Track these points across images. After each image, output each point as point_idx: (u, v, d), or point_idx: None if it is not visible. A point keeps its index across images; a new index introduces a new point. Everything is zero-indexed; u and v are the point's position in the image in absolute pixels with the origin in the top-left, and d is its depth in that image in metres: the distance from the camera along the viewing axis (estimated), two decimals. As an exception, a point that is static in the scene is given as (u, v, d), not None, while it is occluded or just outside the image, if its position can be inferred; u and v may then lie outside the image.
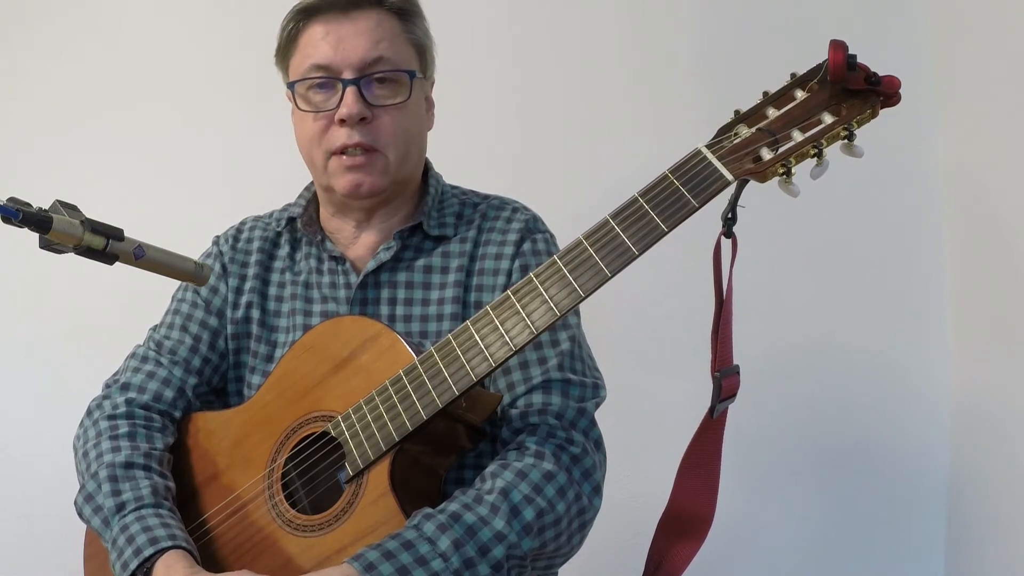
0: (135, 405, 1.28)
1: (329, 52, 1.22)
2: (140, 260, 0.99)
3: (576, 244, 1.03)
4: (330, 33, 1.23)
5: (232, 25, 2.02)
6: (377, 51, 1.22)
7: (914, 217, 1.87)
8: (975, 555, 1.74)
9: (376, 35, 1.23)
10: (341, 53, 1.22)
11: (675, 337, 1.86)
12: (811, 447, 1.88)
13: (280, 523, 1.16)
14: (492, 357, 1.06)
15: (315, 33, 1.24)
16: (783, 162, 0.97)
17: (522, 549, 1.06)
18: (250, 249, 1.37)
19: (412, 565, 1.01)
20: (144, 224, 1.22)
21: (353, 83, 1.21)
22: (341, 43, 1.22)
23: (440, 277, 1.28)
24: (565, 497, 1.10)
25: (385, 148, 1.24)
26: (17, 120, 2.04)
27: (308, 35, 1.25)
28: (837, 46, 0.95)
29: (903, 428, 1.86)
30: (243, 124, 1.99)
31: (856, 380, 1.87)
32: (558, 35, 1.98)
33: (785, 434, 1.88)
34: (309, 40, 1.25)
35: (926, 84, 1.84)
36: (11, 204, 0.88)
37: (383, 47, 1.23)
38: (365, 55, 1.22)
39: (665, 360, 1.88)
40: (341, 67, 1.22)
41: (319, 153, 1.26)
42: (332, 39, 1.23)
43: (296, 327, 1.30)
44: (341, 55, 1.22)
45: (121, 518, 1.15)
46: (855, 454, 1.86)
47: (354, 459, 1.12)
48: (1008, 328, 1.63)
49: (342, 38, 1.22)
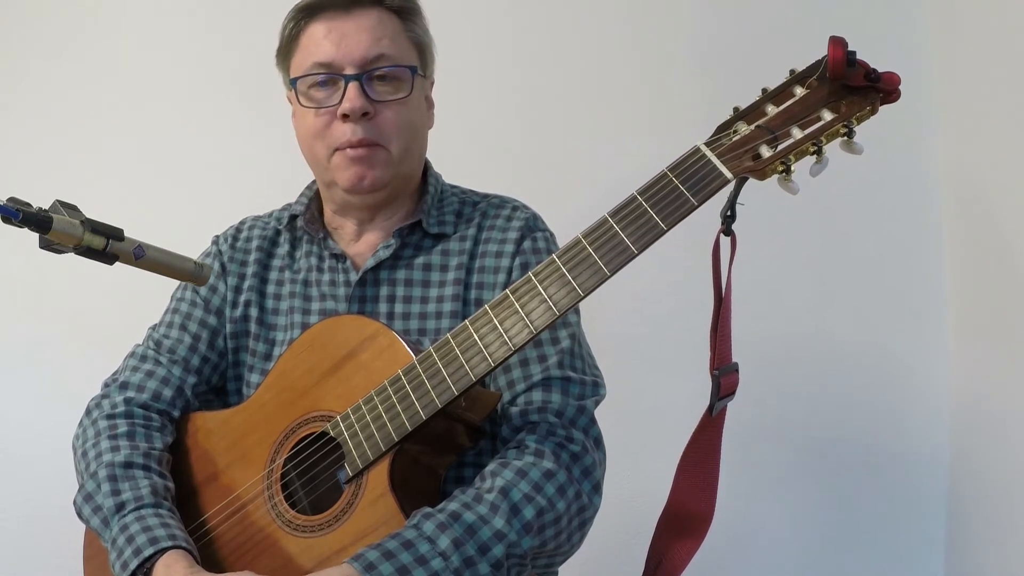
0: (134, 404, 1.28)
1: (331, 49, 1.23)
2: (140, 260, 0.99)
3: (575, 243, 1.03)
4: (332, 31, 1.24)
5: (232, 25, 2.03)
6: (378, 48, 1.23)
7: (914, 217, 1.87)
8: (975, 554, 1.74)
9: (377, 32, 1.24)
10: (343, 50, 1.22)
11: (674, 335, 1.86)
12: (810, 446, 1.88)
13: (280, 523, 1.15)
14: (491, 357, 1.06)
15: (317, 31, 1.25)
16: (782, 160, 0.97)
17: (522, 548, 1.06)
18: (249, 248, 1.37)
19: (412, 565, 1.01)
20: (144, 224, 1.22)
21: (355, 79, 1.22)
22: (343, 40, 1.23)
23: (440, 275, 1.28)
24: (565, 495, 1.10)
25: (388, 142, 1.25)
26: (17, 120, 2.04)
27: (309, 33, 1.26)
28: (836, 42, 0.95)
29: (903, 427, 1.86)
30: (243, 124, 1.99)
31: (856, 379, 1.87)
32: (558, 35, 1.98)
33: (784, 432, 1.88)
34: (311, 38, 1.25)
35: (926, 84, 1.84)
36: (11, 204, 0.88)
37: (384, 44, 1.24)
38: (367, 52, 1.22)
39: (664, 358, 1.88)
40: (343, 64, 1.22)
41: (321, 149, 1.26)
42: (334, 36, 1.23)
43: (294, 325, 1.30)
44: (343, 52, 1.22)
45: (121, 518, 1.15)
46: (855, 453, 1.86)
47: (353, 459, 1.12)
48: (1008, 327, 1.63)
49: (344, 35, 1.23)
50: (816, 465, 1.87)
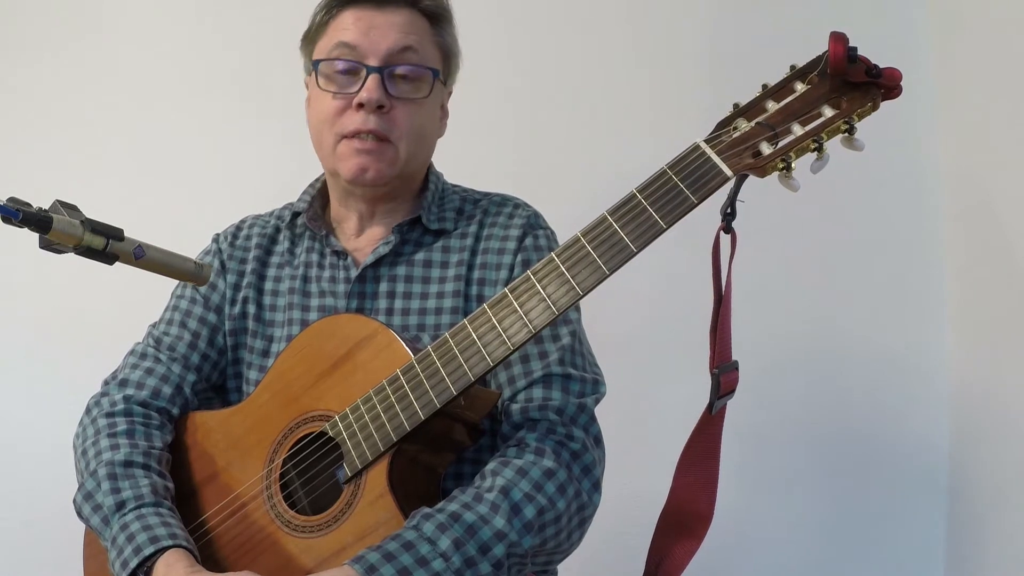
0: (133, 402, 1.28)
1: (358, 36, 1.24)
2: (140, 260, 0.99)
3: (574, 241, 1.03)
4: (361, 20, 1.25)
5: (233, 25, 2.02)
6: (405, 42, 1.24)
7: (914, 214, 1.87)
8: (975, 554, 1.74)
9: (406, 30, 1.25)
10: (370, 39, 1.23)
11: (674, 333, 1.85)
12: (810, 444, 1.87)
13: (279, 523, 1.15)
14: (490, 356, 1.05)
15: (347, 18, 1.26)
16: (783, 157, 0.96)
17: (523, 547, 1.06)
18: (248, 246, 1.37)
19: (413, 566, 1.01)
20: (144, 224, 1.22)
21: (377, 71, 1.23)
22: (372, 30, 1.24)
23: (440, 271, 1.28)
24: (565, 494, 1.10)
25: (397, 140, 1.25)
26: (17, 120, 2.04)
27: (339, 20, 1.27)
28: (838, 38, 0.95)
29: (903, 426, 1.85)
30: (243, 124, 1.99)
31: (856, 377, 1.87)
32: (558, 34, 1.98)
33: (784, 430, 1.88)
34: (340, 23, 1.27)
35: (926, 84, 1.84)
36: (11, 204, 0.88)
37: (412, 40, 1.25)
38: (393, 46, 1.24)
39: (664, 356, 1.87)
40: (367, 53, 1.23)
41: (330, 134, 1.26)
42: (363, 25, 1.24)
43: (293, 321, 1.30)
44: (369, 41, 1.23)
45: (121, 516, 1.15)
46: (855, 451, 1.86)
47: (352, 459, 1.12)
48: (1008, 326, 1.63)
49: (373, 26, 1.24)
50: (816, 463, 1.87)
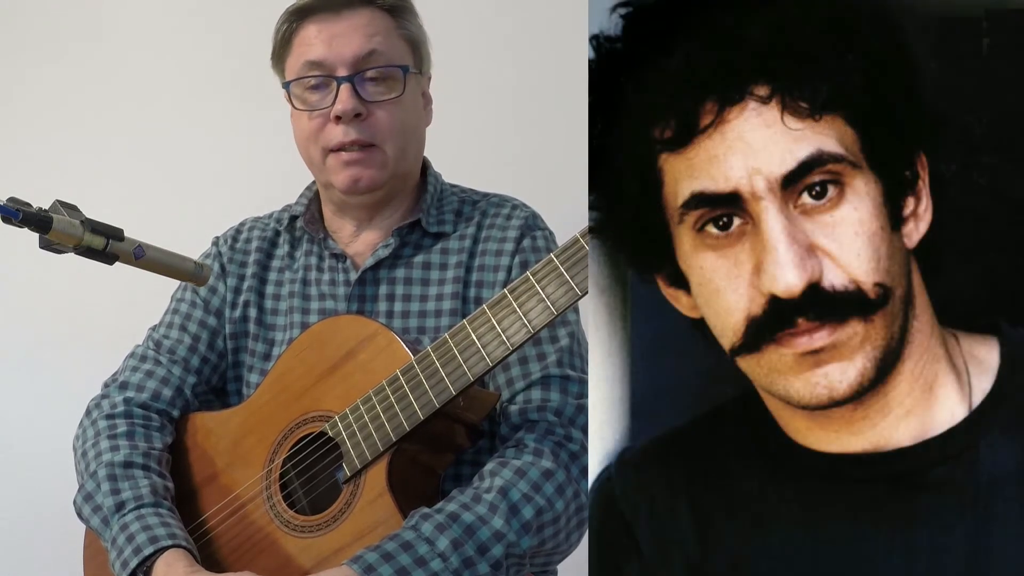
0: (133, 404, 1.28)
1: (323, 50, 1.23)
2: (140, 260, 0.99)
3: (573, 242, 1.03)
4: (323, 31, 1.24)
5: (232, 25, 2.02)
6: (370, 45, 1.23)
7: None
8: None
9: (369, 31, 1.24)
10: (335, 50, 1.23)
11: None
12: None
13: (278, 523, 1.16)
14: (489, 356, 1.06)
15: (308, 32, 1.25)
16: None
17: (521, 548, 1.06)
18: (248, 249, 1.37)
19: (411, 566, 1.01)
20: (144, 224, 1.22)
21: (347, 80, 1.22)
22: (334, 40, 1.23)
23: (439, 274, 1.28)
24: (564, 495, 1.10)
25: (382, 143, 1.25)
26: (17, 120, 2.04)
27: (302, 35, 1.26)
28: None
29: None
30: (243, 124, 1.99)
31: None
32: (558, 34, 1.97)
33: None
34: (303, 40, 1.26)
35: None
36: (11, 204, 0.88)
37: (376, 41, 1.24)
38: (358, 51, 1.23)
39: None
40: (335, 64, 1.23)
41: (316, 151, 1.26)
42: (325, 36, 1.24)
43: (294, 325, 1.30)
44: (335, 52, 1.23)
45: (120, 517, 1.15)
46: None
47: (352, 460, 1.12)
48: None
49: (335, 35, 1.23)
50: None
